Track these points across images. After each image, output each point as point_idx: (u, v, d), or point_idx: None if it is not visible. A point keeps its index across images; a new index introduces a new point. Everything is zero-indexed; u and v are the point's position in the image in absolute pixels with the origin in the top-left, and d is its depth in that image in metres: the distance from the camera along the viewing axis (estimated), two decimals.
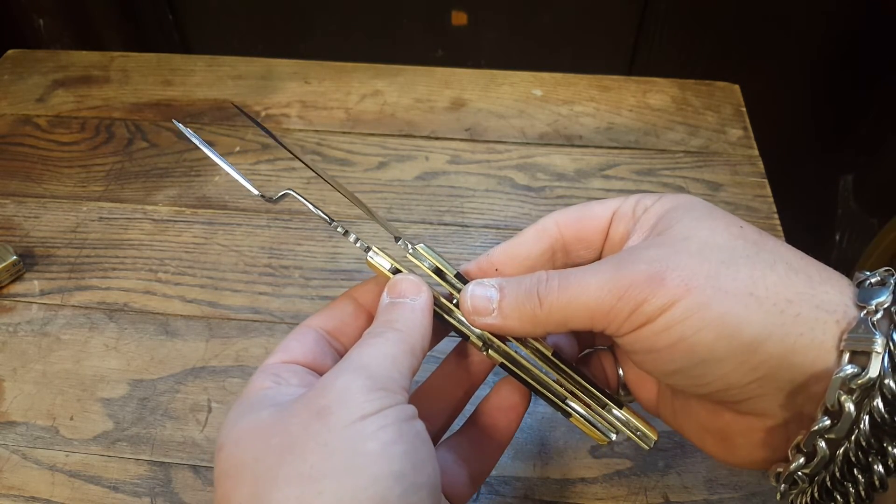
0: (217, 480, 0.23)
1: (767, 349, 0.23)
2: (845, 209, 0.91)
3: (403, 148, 0.60)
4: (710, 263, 0.24)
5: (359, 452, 0.22)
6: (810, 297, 0.23)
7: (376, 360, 0.25)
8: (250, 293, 0.49)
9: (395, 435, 0.22)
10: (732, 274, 0.23)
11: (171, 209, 0.55)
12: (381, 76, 0.66)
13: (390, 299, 0.27)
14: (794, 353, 0.23)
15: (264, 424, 0.23)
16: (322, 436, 0.22)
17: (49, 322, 0.47)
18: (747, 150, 0.59)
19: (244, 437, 0.23)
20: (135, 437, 0.42)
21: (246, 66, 0.68)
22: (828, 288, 0.24)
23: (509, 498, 0.39)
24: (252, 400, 0.25)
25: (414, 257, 0.29)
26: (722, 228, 0.25)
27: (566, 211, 0.29)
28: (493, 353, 0.28)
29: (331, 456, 0.21)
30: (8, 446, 0.41)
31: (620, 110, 0.63)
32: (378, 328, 0.26)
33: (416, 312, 0.27)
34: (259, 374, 0.27)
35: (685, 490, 0.39)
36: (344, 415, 0.22)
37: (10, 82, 0.67)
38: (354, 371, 0.24)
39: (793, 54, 0.82)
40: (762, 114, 0.64)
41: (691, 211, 0.26)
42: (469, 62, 0.84)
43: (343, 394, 0.23)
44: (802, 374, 0.23)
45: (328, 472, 0.21)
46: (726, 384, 0.24)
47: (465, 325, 0.28)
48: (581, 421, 0.29)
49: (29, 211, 0.55)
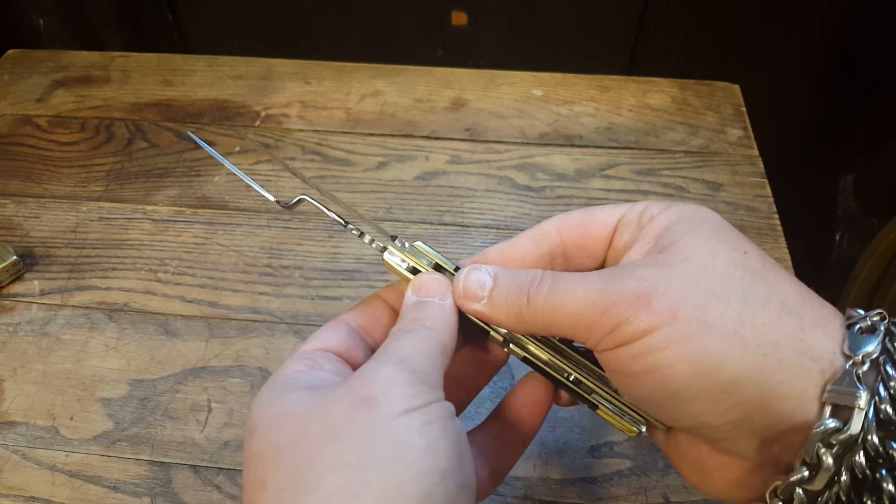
0: (249, 463, 0.23)
1: (745, 391, 0.22)
2: (845, 209, 0.91)
3: (403, 148, 0.60)
4: (701, 293, 0.23)
5: (405, 446, 0.21)
6: (798, 341, 0.22)
7: (415, 355, 0.24)
8: (250, 293, 0.49)
9: (441, 432, 0.22)
10: (722, 308, 0.22)
11: (171, 209, 0.55)
12: (381, 76, 0.66)
13: (417, 298, 0.27)
14: (773, 398, 0.22)
15: (301, 409, 0.23)
16: (367, 426, 0.21)
17: (49, 322, 0.47)
18: (747, 150, 0.59)
19: (279, 419, 0.23)
20: (135, 437, 0.42)
21: (246, 66, 0.68)
22: (818, 332, 0.23)
23: (509, 498, 0.39)
24: (285, 381, 0.25)
25: (412, 255, 0.29)
26: (724, 253, 0.24)
27: (569, 215, 0.28)
28: (515, 348, 0.28)
29: (376, 447, 0.21)
30: (8, 446, 0.41)
31: (620, 110, 0.63)
32: (409, 325, 0.26)
33: (445, 311, 0.27)
34: (292, 359, 0.26)
35: (685, 490, 0.39)
36: (390, 406, 0.22)
37: (10, 82, 0.67)
38: (397, 364, 0.23)
39: (793, 54, 0.82)
40: (762, 114, 0.64)
41: (698, 227, 0.25)
42: (469, 62, 0.84)
43: (388, 385, 0.22)
44: (781, 422, 0.22)
45: (374, 463, 0.21)
46: (699, 422, 0.23)
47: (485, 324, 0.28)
48: (608, 413, 0.28)
49: (29, 211, 0.55)
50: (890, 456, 0.21)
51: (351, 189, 0.56)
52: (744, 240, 0.25)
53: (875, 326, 0.23)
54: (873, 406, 0.21)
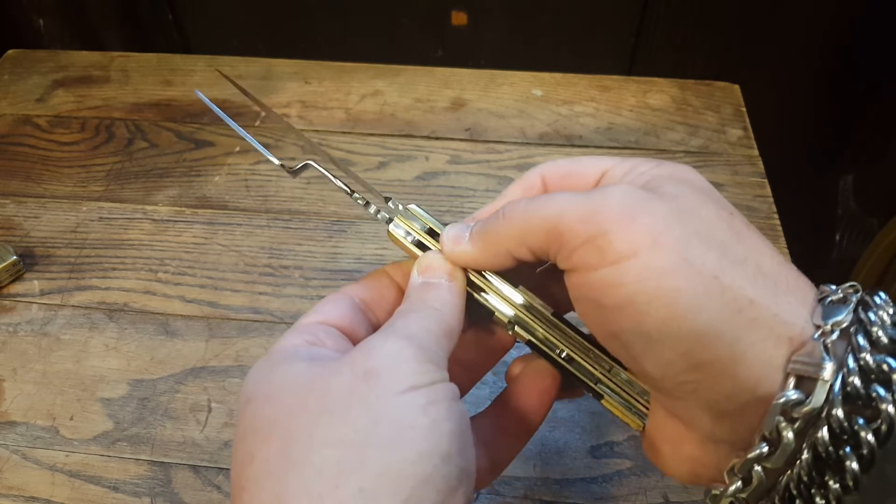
0: (240, 437, 0.22)
1: (715, 348, 0.21)
2: (845, 209, 0.91)
3: (403, 148, 0.60)
4: (685, 228, 0.21)
5: (408, 424, 0.20)
6: (772, 303, 0.21)
7: (422, 332, 0.23)
8: (250, 293, 0.49)
9: (446, 413, 0.21)
10: (703, 250, 0.21)
11: (171, 209, 0.55)
12: (381, 76, 0.66)
13: (423, 279, 0.26)
14: (740, 362, 0.21)
15: (300, 380, 0.22)
16: (368, 401, 0.20)
17: (49, 322, 0.47)
18: (747, 150, 0.59)
19: (276, 391, 0.22)
20: (135, 437, 0.42)
21: (246, 66, 0.68)
22: (791, 299, 0.21)
23: (509, 498, 0.39)
24: (284, 354, 0.23)
25: (404, 217, 0.28)
26: (712, 206, 0.23)
27: (555, 163, 0.27)
28: (520, 331, 0.27)
29: (377, 423, 0.20)
30: (8, 446, 0.41)
31: (620, 110, 0.63)
32: (414, 305, 0.25)
33: (452, 294, 0.26)
34: (292, 332, 0.25)
35: (685, 490, 0.39)
36: (394, 381, 0.21)
37: (10, 82, 0.67)
38: (404, 338, 0.23)
39: (793, 54, 0.82)
40: (762, 114, 0.64)
41: (688, 181, 0.24)
42: (469, 62, 0.84)
43: (393, 359, 0.22)
44: (743, 392, 0.21)
45: (373, 440, 0.20)
46: (660, 370, 0.22)
47: (492, 303, 0.27)
48: (613, 404, 0.27)
49: (29, 211, 0.55)
50: (855, 432, 0.19)
51: None
52: (731, 205, 0.24)
53: (847, 298, 0.22)
54: (840, 378, 0.19)
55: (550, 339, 0.27)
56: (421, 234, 0.28)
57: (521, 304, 0.27)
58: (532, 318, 0.27)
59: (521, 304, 0.27)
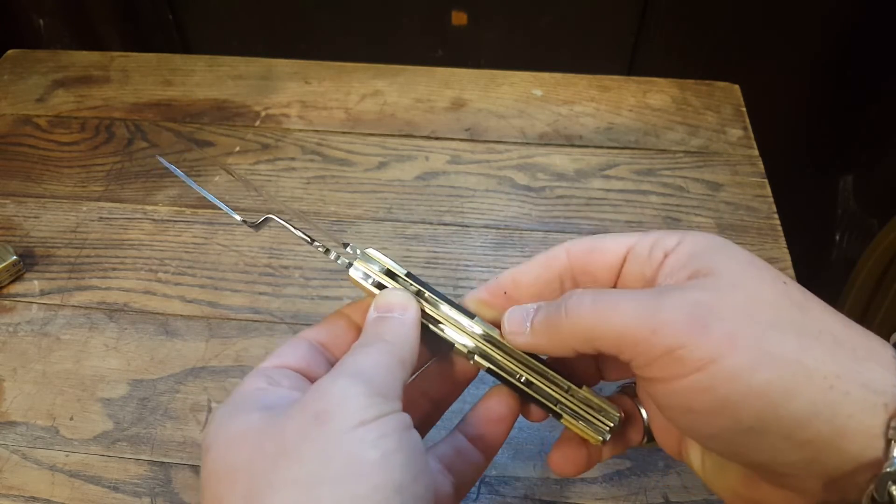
0: (206, 482, 0.23)
1: (816, 427, 0.21)
2: (845, 209, 0.91)
3: (403, 148, 0.60)
4: (757, 322, 0.22)
5: (359, 460, 0.21)
6: (857, 373, 0.21)
7: (371, 367, 0.24)
8: (250, 293, 0.49)
9: (396, 444, 0.22)
10: (779, 338, 0.21)
11: (171, 209, 0.55)
12: (381, 76, 0.66)
13: (378, 314, 0.27)
14: (843, 436, 0.21)
15: (256, 427, 0.23)
16: (319, 441, 0.21)
17: (49, 322, 0.47)
18: (747, 150, 0.59)
19: (235, 439, 0.23)
20: (135, 437, 0.42)
21: (246, 66, 0.68)
22: (873, 364, 0.22)
23: (509, 498, 0.39)
24: (241, 401, 0.25)
25: (363, 260, 0.28)
26: (769, 282, 0.23)
27: (579, 241, 0.28)
28: (480, 360, 0.28)
29: (329, 462, 0.21)
30: (8, 446, 0.41)
31: (620, 110, 0.63)
32: (368, 339, 0.26)
33: (404, 326, 0.27)
34: (250, 376, 0.26)
35: (685, 490, 0.39)
36: (343, 420, 0.22)
37: (10, 82, 0.67)
38: (351, 376, 0.23)
39: (793, 54, 0.82)
40: (762, 114, 0.64)
41: (731, 255, 0.24)
42: (469, 62, 0.84)
43: (341, 399, 0.22)
44: (850, 462, 0.21)
45: (326, 479, 0.21)
46: (770, 458, 0.22)
47: (448, 334, 0.28)
48: (573, 423, 0.28)
49: (29, 211, 0.55)
50: None
51: (351, 189, 0.56)
52: (778, 272, 0.24)
53: None
54: None
55: (510, 365, 0.28)
56: (380, 275, 0.28)
57: (479, 334, 0.28)
58: (490, 347, 0.28)
59: (479, 335, 0.28)
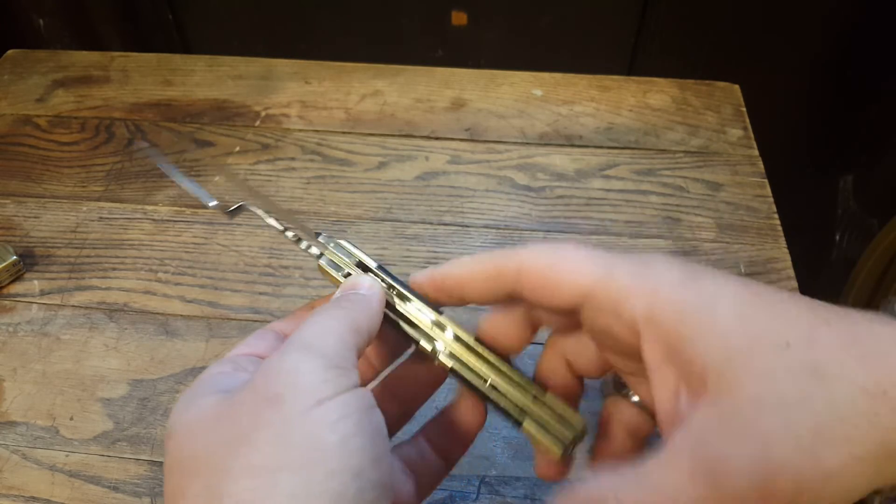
0: (168, 470, 0.22)
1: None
2: (845, 209, 0.91)
3: (403, 148, 0.60)
4: (799, 441, 0.19)
5: (317, 445, 0.20)
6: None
7: (321, 336, 0.23)
8: (250, 293, 0.49)
9: (356, 427, 0.21)
10: (829, 440, 0.19)
11: (171, 209, 0.55)
12: (381, 76, 0.66)
13: (342, 292, 0.27)
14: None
15: (212, 413, 0.22)
16: (276, 426, 0.21)
17: (49, 322, 0.47)
18: (747, 150, 0.59)
19: (192, 426, 0.22)
20: (135, 437, 0.42)
21: (246, 66, 0.68)
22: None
23: (509, 498, 0.39)
24: (201, 386, 0.24)
25: (336, 252, 0.28)
26: (771, 357, 0.20)
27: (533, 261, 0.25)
28: (443, 359, 0.27)
29: (286, 447, 0.20)
30: (8, 446, 0.41)
31: (620, 110, 0.63)
32: (321, 308, 0.25)
33: (365, 298, 0.26)
34: (216, 363, 0.25)
35: None
36: (298, 401, 0.21)
37: (10, 82, 0.67)
38: (302, 350, 0.22)
39: (793, 54, 0.82)
40: (762, 114, 0.64)
41: (711, 319, 0.21)
42: (469, 62, 0.84)
43: (293, 377, 0.22)
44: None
45: (283, 465, 0.20)
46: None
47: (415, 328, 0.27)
48: (534, 429, 0.26)
49: (29, 211, 0.55)
50: None
51: (351, 189, 0.56)
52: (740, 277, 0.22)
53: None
54: None
55: (477, 366, 0.27)
56: (351, 266, 0.28)
57: (449, 337, 0.27)
58: (459, 346, 0.27)
59: (448, 337, 0.27)
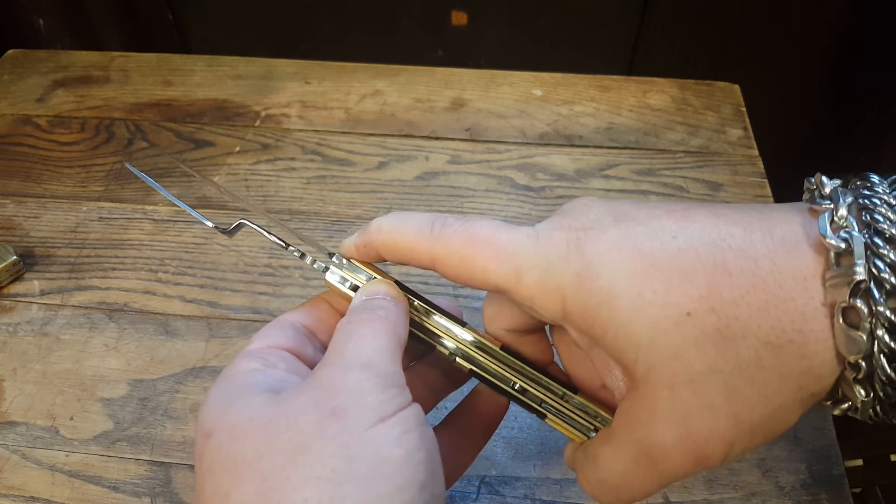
0: (207, 472, 0.22)
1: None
2: None
3: (403, 148, 0.60)
4: (711, 413, 0.21)
5: (383, 459, 0.21)
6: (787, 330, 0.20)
7: (377, 354, 0.23)
8: (250, 293, 0.49)
9: (419, 441, 0.22)
10: (743, 395, 0.21)
11: (170, 209, 0.55)
12: (381, 76, 0.66)
13: (366, 297, 0.26)
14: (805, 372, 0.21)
15: (264, 417, 0.22)
16: (341, 438, 0.21)
17: (49, 322, 0.47)
18: (747, 150, 0.59)
19: (239, 427, 0.22)
20: (135, 437, 0.42)
21: (246, 66, 0.68)
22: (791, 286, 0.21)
23: (509, 498, 0.39)
24: (240, 382, 0.23)
25: (350, 270, 0.28)
26: (674, 325, 0.21)
27: (446, 250, 0.25)
28: (462, 362, 0.27)
29: (353, 460, 0.20)
30: (8, 446, 0.41)
31: (620, 110, 0.63)
32: (360, 317, 0.25)
33: (398, 307, 0.26)
34: (243, 357, 0.25)
35: (685, 490, 0.39)
36: (362, 416, 0.21)
37: (10, 82, 0.67)
38: (363, 369, 0.23)
39: (793, 54, 0.82)
40: (762, 114, 0.64)
41: (617, 296, 0.22)
42: (469, 62, 0.84)
43: (357, 394, 0.22)
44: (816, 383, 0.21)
45: (351, 478, 0.20)
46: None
47: (431, 335, 0.27)
48: (557, 421, 0.27)
49: (29, 211, 0.55)
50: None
51: (351, 189, 0.56)
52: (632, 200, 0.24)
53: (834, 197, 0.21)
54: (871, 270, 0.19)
55: (502, 372, 0.27)
56: (363, 282, 0.28)
57: (469, 341, 0.27)
58: (481, 354, 0.27)
59: (469, 342, 0.27)
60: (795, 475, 0.40)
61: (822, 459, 0.40)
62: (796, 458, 0.40)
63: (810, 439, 0.41)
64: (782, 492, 0.39)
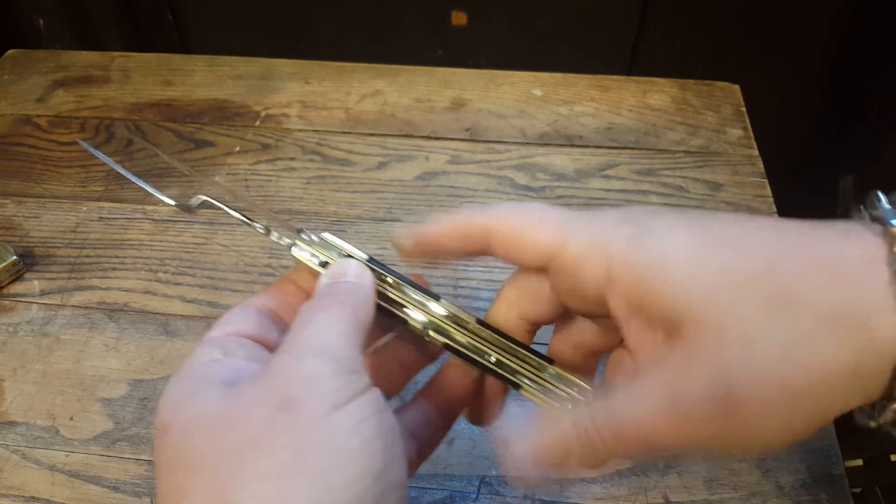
0: (164, 467, 0.21)
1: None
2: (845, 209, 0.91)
3: (403, 148, 0.60)
4: (767, 373, 0.20)
5: (337, 450, 0.20)
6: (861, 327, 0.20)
7: (332, 338, 0.23)
8: (250, 293, 0.49)
9: (376, 429, 0.21)
10: (795, 362, 0.20)
11: (170, 209, 0.55)
12: (381, 76, 0.66)
13: (331, 280, 0.26)
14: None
15: (217, 411, 0.21)
16: (292, 431, 0.20)
17: (49, 322, 0.47)
18: (747, 150, 0.59)
19: (193, 422, 0.21)
20: (135, 437, 0.42)
21: (246, 66, 0.68)
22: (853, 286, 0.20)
23: (509, 498, 0.39)
24: (197, 374, 0.23)
25: (321, 247, 0.28)
26: (733, 292, 0.21)
27: (501, 221, 0.25)
28: (435, 335, 0.27)
29: (304, 453, 0.20)
30: (8, 446, 0.41)
31: (620, 110, 0.63)
32: (322, 303, 0.24)
33: (361, 289, 0.25)
34: (204, 346, 0.24)
35: (685, 490, 0.39)
36: (315, 406, 0.20)
37: (10, 82, 0.67)
38: (316, 355, 0.22)
39: (793, 54, 0.82)
40: (762, 114, 0.64)
41: (670, 268, 0.22)
42: (469, 62, 0.84)
43: (310, 382, 0.21)
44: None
45: (302, 472, 0.20)
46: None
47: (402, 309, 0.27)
48: (533, 392, 0.27)
49: (29, 211, 0.55)
50: None
51: (351, 189, 0.56)
52: (713, 230, 0.23)
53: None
54: None
55: (477, 346, 0.27)
56: (332, 259, 0.27)
57: (444, 315, 0.27)
58: (454, 327, 0.27)
59: (444, 316, 0.27)
60: (795, 475, 0.40)
61: (822, 459, 0.40)
62: (796, 458, 0.40)
63: (810, 439, 0.41)
64: (782, 492, 0.39)
